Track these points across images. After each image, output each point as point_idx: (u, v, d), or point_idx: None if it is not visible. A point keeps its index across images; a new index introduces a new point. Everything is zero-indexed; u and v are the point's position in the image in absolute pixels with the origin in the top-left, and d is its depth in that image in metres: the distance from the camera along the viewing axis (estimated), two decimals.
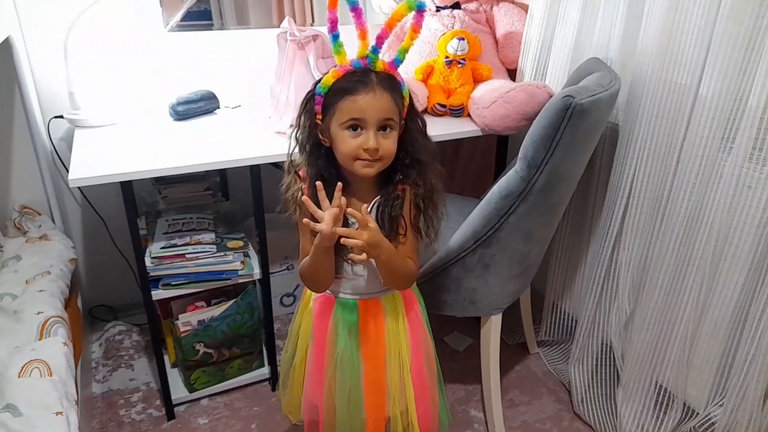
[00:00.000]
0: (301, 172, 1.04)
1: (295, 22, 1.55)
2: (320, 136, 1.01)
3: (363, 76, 0.94)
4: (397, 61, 0.98)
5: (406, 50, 0.98)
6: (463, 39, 1.64)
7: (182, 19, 1.73)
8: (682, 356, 1.37)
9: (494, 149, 1.88)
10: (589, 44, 1.53)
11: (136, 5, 1.67)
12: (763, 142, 1.14)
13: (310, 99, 1.00)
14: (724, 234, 1.24)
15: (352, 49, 0.97)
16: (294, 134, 1.03)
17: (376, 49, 0.95)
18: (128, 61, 1.71)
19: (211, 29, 1.79)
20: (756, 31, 1.11)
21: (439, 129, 1.56)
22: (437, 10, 1.78)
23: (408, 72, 1.74)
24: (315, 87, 0.98)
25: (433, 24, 1.78)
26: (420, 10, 0.93)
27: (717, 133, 1.20)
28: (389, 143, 0.98)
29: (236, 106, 1.77)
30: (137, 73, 1.73)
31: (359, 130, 0.96)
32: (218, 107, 1.75)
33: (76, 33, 1.54)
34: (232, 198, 1.91)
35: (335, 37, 0.94)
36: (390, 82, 0.96)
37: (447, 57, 1.65)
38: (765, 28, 1.09)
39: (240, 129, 1.59)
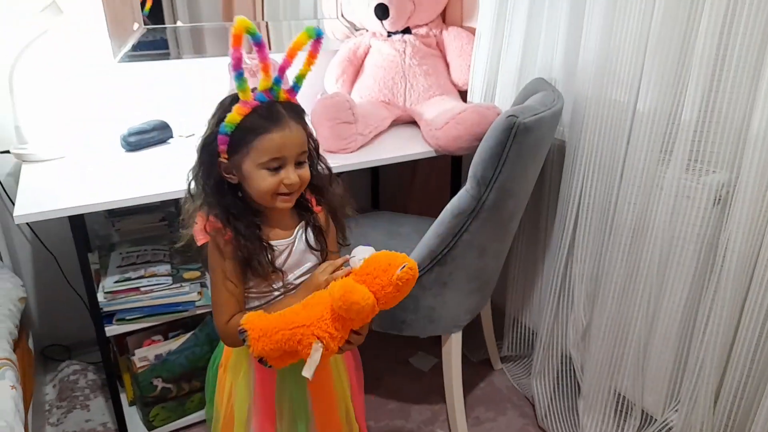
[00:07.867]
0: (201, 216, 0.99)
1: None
2: (224, 174, 0.97)
3: (272, 111, 0.92)
4: (296, 88, 0.96)
5: (303, 77, 0.96)
6: None
7: (137, 50, 1.72)
8: (638, 364, 1.40)
9: (449, 169, 1.91)
10: (534, 65, 1.59)
11: (84, 36, 1.65)
12: (698, 153, 1.19)
13: (212, 140, 0.96)
14: (667, 243, 1.28)
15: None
16: (193, 173, 1.01)
17: (279, 80, 0.93)
18: (77, 92, 1.68)
19: (167, 59, 1.78)
20: (685, 48, 1.17)
21: (393, 150, 1.58)
22: (388, 35, 1.82)
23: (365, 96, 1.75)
24: (218, 126, 0.95)
25: (386, 49, 1.81)
26: (318, 37, 0.92)
27: (655, 147, 1.26)
28: (306, 173, 0.97)
29: (190, 135, 1.76)
30: (86, 105, 1.70)
31: (278, 168, 0.94)
32: (171, 137, 1.73)
33: (22, 66, 1.52)
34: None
35: (240, 74, 0.90)
36: (296, 111, 0.95)
37: None
38: (693, 45, 1.15)
39: (193, 158, 1.57)
